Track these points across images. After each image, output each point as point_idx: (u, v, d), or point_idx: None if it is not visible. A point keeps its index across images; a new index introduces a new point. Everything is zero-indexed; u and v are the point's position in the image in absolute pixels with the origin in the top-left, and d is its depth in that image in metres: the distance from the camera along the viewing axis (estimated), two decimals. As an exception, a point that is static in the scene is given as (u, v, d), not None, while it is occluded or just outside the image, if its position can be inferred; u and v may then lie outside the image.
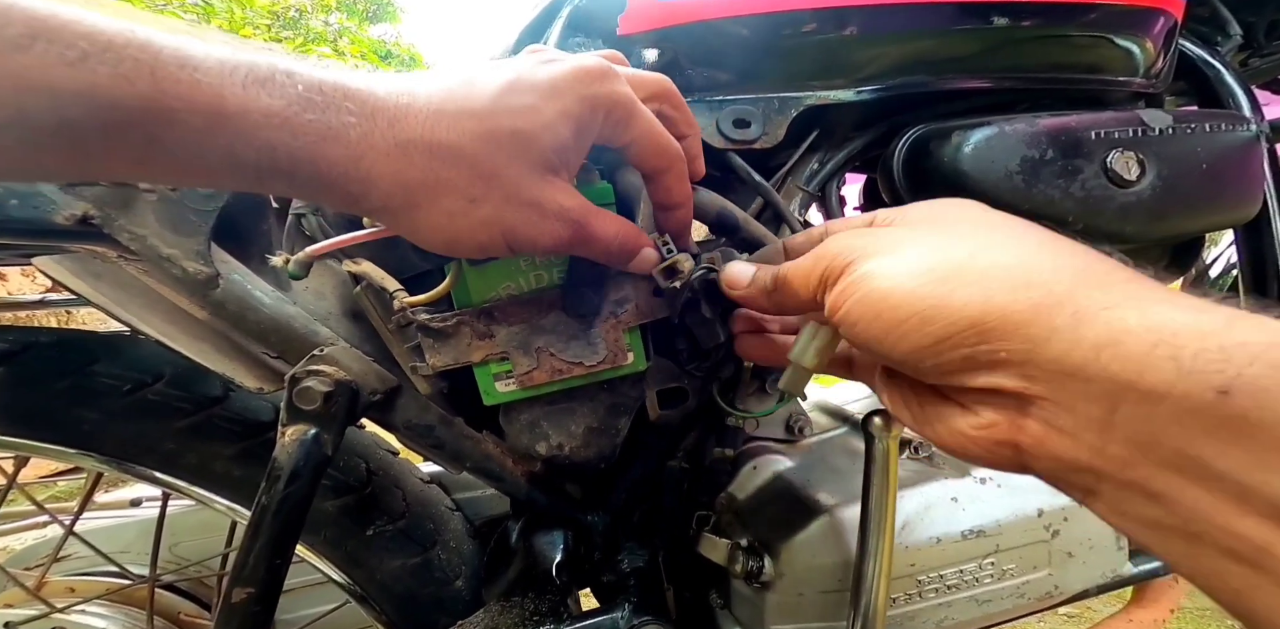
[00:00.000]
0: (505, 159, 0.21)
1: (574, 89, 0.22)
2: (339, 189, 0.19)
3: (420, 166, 0.20)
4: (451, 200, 0.21)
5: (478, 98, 0.21)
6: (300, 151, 0.18)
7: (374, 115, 0.19)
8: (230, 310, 0.33)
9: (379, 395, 0.35)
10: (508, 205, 0.21)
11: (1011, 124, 0.35)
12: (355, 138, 0.19)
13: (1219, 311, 0.14)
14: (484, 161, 0.20)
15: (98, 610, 0.54)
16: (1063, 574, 0.38)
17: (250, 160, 0.18)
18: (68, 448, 0.40)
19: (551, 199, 0.22)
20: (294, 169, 0.18)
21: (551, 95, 0.21)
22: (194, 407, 0.40)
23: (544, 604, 0.41)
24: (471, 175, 0.20)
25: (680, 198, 0.28)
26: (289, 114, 0.18)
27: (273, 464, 0.32)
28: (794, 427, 0.45)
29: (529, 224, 0.22)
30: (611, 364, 0.33)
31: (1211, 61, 0.41)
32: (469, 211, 0.21)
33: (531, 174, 0.21)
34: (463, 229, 0.21)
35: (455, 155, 0.20)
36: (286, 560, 0.34)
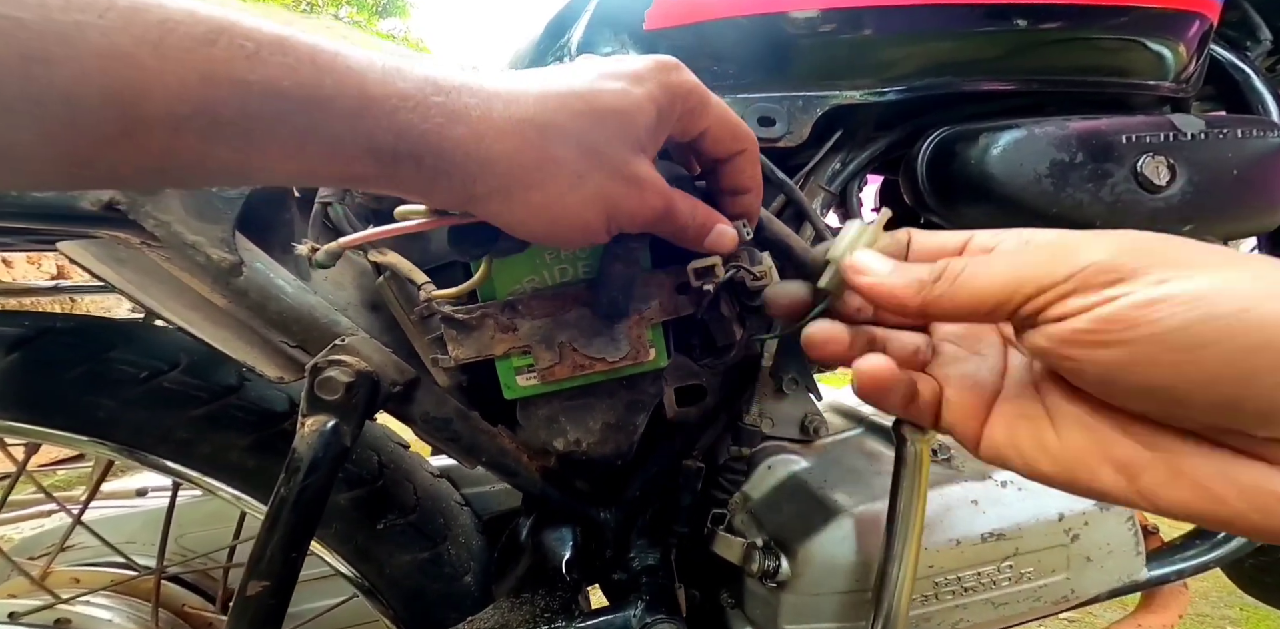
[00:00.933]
0: (607, 136, 0.22)
1: (655, 76, 0.23)
2: (459, 170, 0.21)
3: (535, 144, 0.21)
4: (561, 178, 0.22)
5: (579, 81, 0.22)
6: (429, 133, 0.20)
7: (491, 98, 0.21)
8: (252, 298, 0.33)
9: (399, 387, 0.35)
10: (611, 181, 0.23)
11: (1041, 127, 0.35)
12: (476, 117, 0.20)
13: None
14: (589, 138, 0.22)
15: (102, 601, 0.54)
16: (1079, 578, 0.38)
17: (388, 144, 0.19)
18: (80, 435, 0.40)
19: (648, 173, 0.24)
20: (423, 151, 0.20)
21: (638, 81, 0.23)
22: (209, 395, 0.40)
23: (554, 601, 0.41)
24: (579, 152, 0.22)
25: (752, 182, 0.28)
26: (420, 97, 0.19)
27: (292, 455, 0.32)
28: (809, 427, 0.45)
29: (630, 198, 0.23)
30: (634, 360, 0.33)
31: (1241, 66, 0.41)
32: (576, 188, 0.22)
33: (629, 151, 0.23)
34: (570, 207, 0.22)
35: (564, 133, 0.21)
36: (302, 553, 0.33)
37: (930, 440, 0.30)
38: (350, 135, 0.19)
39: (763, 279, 0.33)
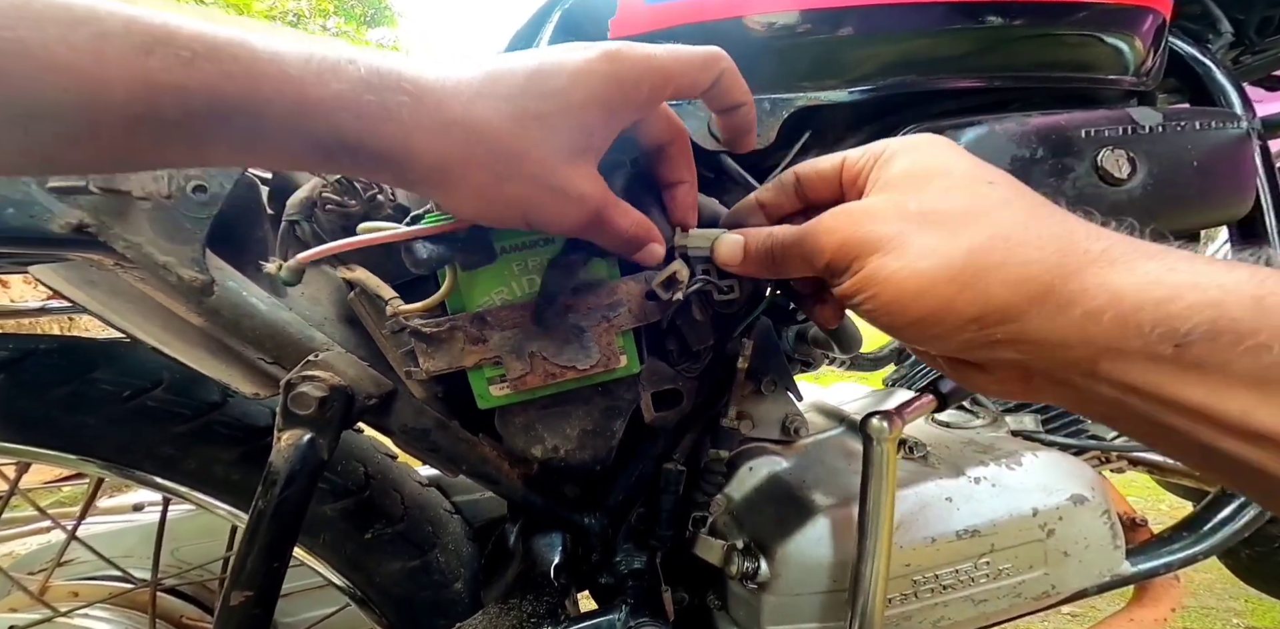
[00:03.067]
0: (532, 142, 0.22)
1: (600, 71, 0.23)
2: (391, 163, 0.22)
3: (458, 144, 0.22)
4: (481, 176, 0.22)
5: (513, 81, 0.22)
6: (363, 131, 0.21)
7: (423, 96, 0.21)
8: (226, 317, 0.33)
9: (374, 400, 0.35)
10: (531, 185, 0.23)
11: (1002, 123, 0.35)
12: (407, 117, 0.21)
13: (1168, 276, 0.18)
14: (513, 143, 0.22)
15: (101, 614, 0.55)
16: (1059, 573, 0.38)
17: (326, 141, 0.21)
18: (68, 454, 0.40)
19: (573, 183, 0.24)
20: (359, 146, 0.21)
21: (579, 78, 0.23)
22: (192, 412, 0.41)
23: (542, 606, 0.41)
24: (501, 155, 0.22)
25: (742, 95, 0.28)
26: (353, 96, 0.20)
27: (269, 469, 0.32)
28: (790, 427, 0.45)
29: (548, 206, 0.24)
30: (604, 367, 0.33)
31: (1202, 59, 0.41)
32: (497, 187, 0.23)
33: (556, 157, 0.23)
34: (491, 202, 0.23)
35: (489, 135, 0.22)
36: (284, 563, 0.34)
37: (895, 437, 0.30)
38: (292, 134, 0.20)
39: (731, 293, 0.33)
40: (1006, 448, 0.39)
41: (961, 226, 0.21)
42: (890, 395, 0.53)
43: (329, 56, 0.20)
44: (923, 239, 0.21)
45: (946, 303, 0.20)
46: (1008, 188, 0.22)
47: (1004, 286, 0.20)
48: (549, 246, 0.32)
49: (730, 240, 0.29)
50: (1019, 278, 0.20)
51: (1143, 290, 0.18)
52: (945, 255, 0.21)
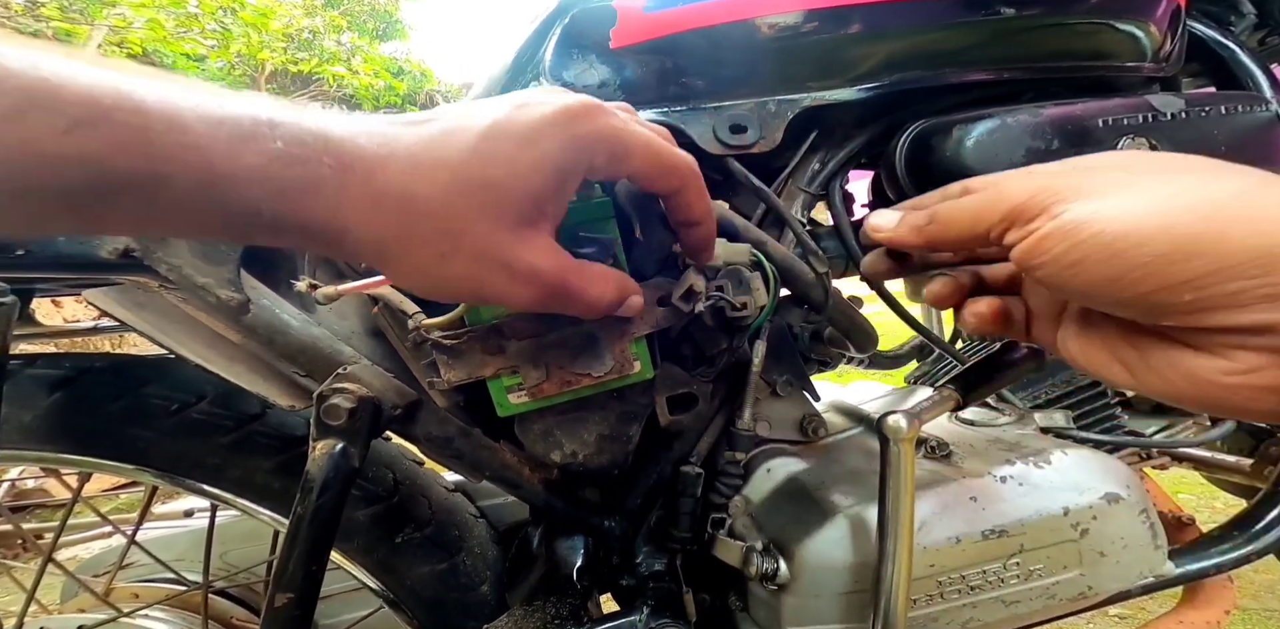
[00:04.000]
0: (476, 214, 0.20)
1: (553, 133, 0.21)
2: (319, 238, 0.20)
3: (392, 219, 0.19)
4: (421, 254, 0.20)
5: (454, 146, 0.20)
6: (283, 206, 0.18)
7: (351, 166, 0.19)
8: (261, 334, 0.36)
9: (400, 410, 0.37)
10: (477, 264, 0.21)
11: (1014, 115, 0.35)
12: (332, 190, 0.19)
13: None
14: (454, 216, 0.20)
15: (159, 614, 0.58)
16: (1096, 574, 0.37)
17: (239, 216, 0.18)
18: (125, 464, 0.43)
19: (522, 260, 0.21)
20: (278, 223, 0.19)
21: (528, 142, 0.20)
22: (234, 423, 0.43)
23: (565, 608, 0.42)
24: (441, 230, 0.20)
25: (700, 214, 0.26)
26: (271, 171, 0.18)
27: (305, 477, 0.34)
28: (808, 428, 0.45)
29: (497, 285, 0.21)
30: (619, 374, 0.34)
31: (1225, 42, 0.40)
32: (440, 264, 0.20)
33: (502, 230, 0.21)
34: (435, 281, 0.21)
35: (425, 209, 0.20)
36: (322, 566, 0.36)
37: (913, 436, 0.30)
38: (200, 209, 0.18)
39: (744, 310, 0.34)
40: (1034, 445, 0.38)
41: (1156, 176, 0.18)
42: (912, 393, 0.52)
43: (242, 122, 0.17)
44: (1146, 181, 0.18)
45: (1215, 235, 0.16)
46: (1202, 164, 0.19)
47: (1253, 227, 0.16)
48: None
49: (884, 214, 0.26)
50: (1263, 219, 0.16)
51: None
52: (1195, 190, 0.17)
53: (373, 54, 6.92)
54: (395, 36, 7.66)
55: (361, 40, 6.99)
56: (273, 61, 5.93)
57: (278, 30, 5.56)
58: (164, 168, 0.17)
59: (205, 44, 4.94)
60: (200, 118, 0.17)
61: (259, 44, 5.36)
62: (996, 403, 0.48)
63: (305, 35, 6.13)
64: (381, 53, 7.30)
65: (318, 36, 6.24)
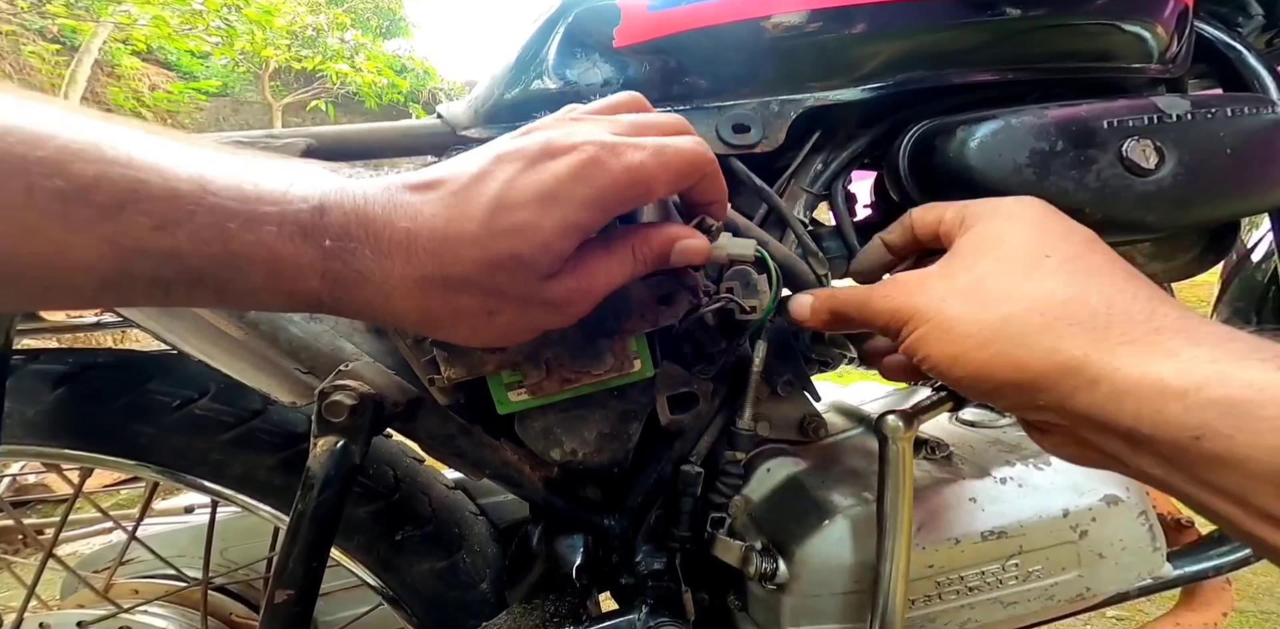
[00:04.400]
0: (509, 279, 0.22)
1: (572, 193, 0.21)
2: (379, 319, 0.23)
3: (438, 298, 0.22)
4: (472, 320, 0.23)
5: (473, 220, 0.21)
6: (340, 293, 0.21)
7: (390, 254, 0.20)
8: (264, 330, 0.36)
9: (401, 407, 0.37)
10: (524, 309, 0.23)
11: (1018, 116, 0.35)
12: (379, 280, 0.21)
13: (1200, 368, 0.18)
14: (492, 285, 0.22)
15: (158, 611, 0.58)
16: (1094, 576, 0.37)
17: (304, 300, 0.21)
18: (127, 459, 0.43)
19: (561, 294, 0.23)
20: (338, 306, 0.21)
21: (547, 208, 0.21)
22: (236, 420, 0.43)
23: (564, 606, 0.42)
24: (484, 297, 0.22)
25: (719, 193, 0.27)
26: (325, 267, 0.20)
27: (306, 473, 0.34)
28: (808, 428, 0.45)
29: (549, 318, 0.24)
30: (619, 372, 0.34)
31: (1232, 43, 0.39)
32: (491, 323, 0.23)
33: (536, 284, 0.22)
34: (491, 336, 0.24)
35: (465, 284, 0.21)
36: (322, 563, 0.36)
37: (911, 436, 0.30)
38: (270, 294, 0.20)
39: (752, 313, 0.34)
40: (1034, 447, 0.38)
41: (1000, 299, 0.23)
42: (912, 394, 0.52)
43: (301, 216, 0.19)
44: (961, 309, 0.23)
45: (983, 368, 0.22)
46: (1065, 259, 0.23)
47: (1037, 357, 0.21)
48: None
49: (800, 300, 0.32)
50: (1050, 350, 0.21)
51: (1170, 378, 0.18)
52: (980, 323, 0.22)
53: (376, 52, 6.92)
54: (399, 34, 7.66)
55: (365, 38, 6.99)
56: (276, 59, 5.93)
57: (282, 27, 5.56)
58: (238, 262, 0.19)
59: (209, 41, 4.95)
60: (264, 215, 0.19)
61: (263, 41, 5.36)
62: (997, 404, 0.48)
63: (309, 33, 6.13)
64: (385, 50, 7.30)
65: (321, 34, 6.24)
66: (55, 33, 5.03)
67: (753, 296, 0.35)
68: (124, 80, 5.69)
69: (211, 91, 6.40)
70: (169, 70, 6.49)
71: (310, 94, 6.76)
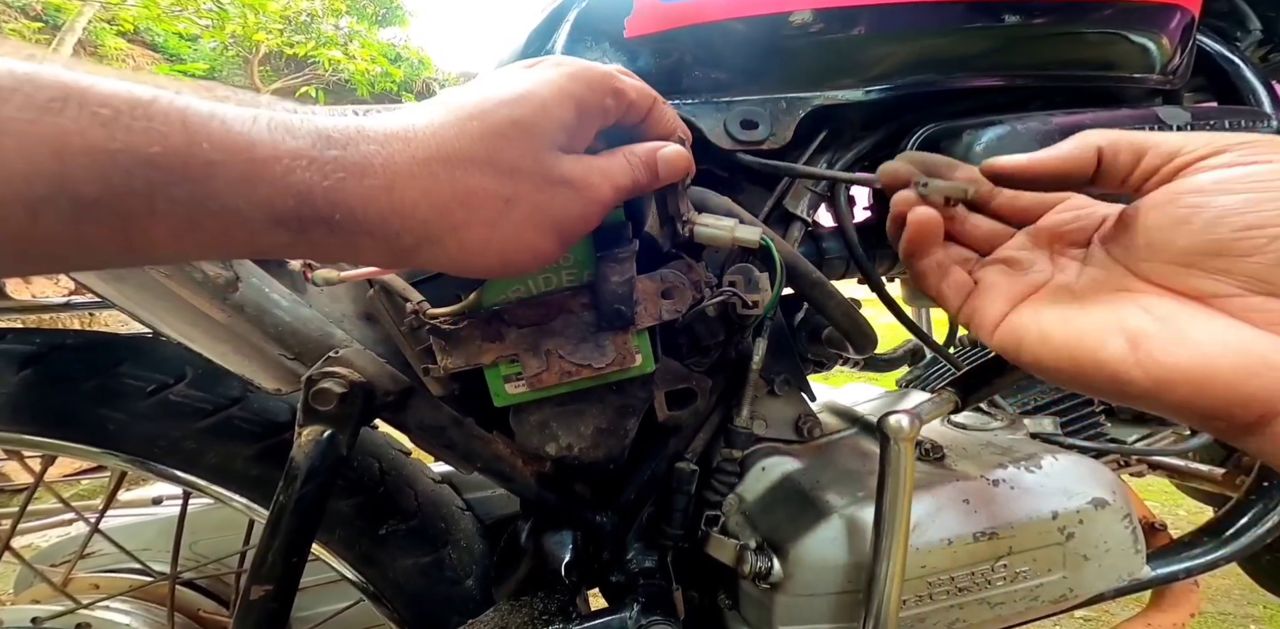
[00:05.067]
0: (518, 150, 0.21)
1: (564, 71, 0.22)
2: (378, 226, 0.19)
3: (446, 180, 0.20)
4: (487, 207, 0.20)
5: (474, 99, 0.21)
6: (333, 191, 0.18)
7: (390, 140, 0.19)
8: (249, 313, 0.34)
9: (392, 396, 0.36)
10: (542, 193, 0.21)
11: (1024, 122, 0.35)
12: (380, 166, 0.18)
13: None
14: (500, 157, 0.20)
15: (121, 607, 0.56)
16: (1078, 577, 0.37)
17: (290, 209, 0.17)
18: (93, 447, 0.41)
19: (577, 170, 0.22)
20: (331, 211, 0.18)
21: (544, 80, 0.22)
22: (214, 407, 0.41)
23: (553, 604, 0.42)
24: (495, 175, 0.20)
25: (675, 123, 0.28)
26: (314, 153, 0.17)
27: (290, 464, 0.33)
28: (803, 428, 0.45)
29: (571, 203, 0.22)
30: (620, 366, 0.33)
31: (1231, 57, 0.41)
32: (508, 213, 0.21)
33: (548, 156, 0.21)
34: (510, 237, 0.21)
35: (471, 160, 0.20)
36: (303, 558, 0.34)
37: (913, 437, 0.30)
38: (245, 204, 0.16)
39: (754, 309, 0.34)
40: (1025, 450, 0.39)
41: None
42: (905, 397, 0.53)
43: (277, 112, 0.18)
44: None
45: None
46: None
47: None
48: None
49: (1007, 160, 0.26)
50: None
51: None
52: None
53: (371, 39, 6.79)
54: (394, 23, 7.52)
55: (360, 25, 6.85)
56: (268, 43, 5.77)
57: (275, 12, 5.41)
58: (207, 154, 0.16)
59: (199, 23, 4.79)
60: (233, 109, 0.17)
61: (255, 25, 5.20)
62: (988, 408, 0.49)
63: (303, 18, 5.97)
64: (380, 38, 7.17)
65: (315, 20, 6.08)
66: (39, 11, 4.82)
67: (754, 292, 0.35)
68: (106, 60, 5.48)
69: (198, 74, 6.19)
70: (155, 52, 6.26)
71: (300, 80, 6.59)
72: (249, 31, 5.23)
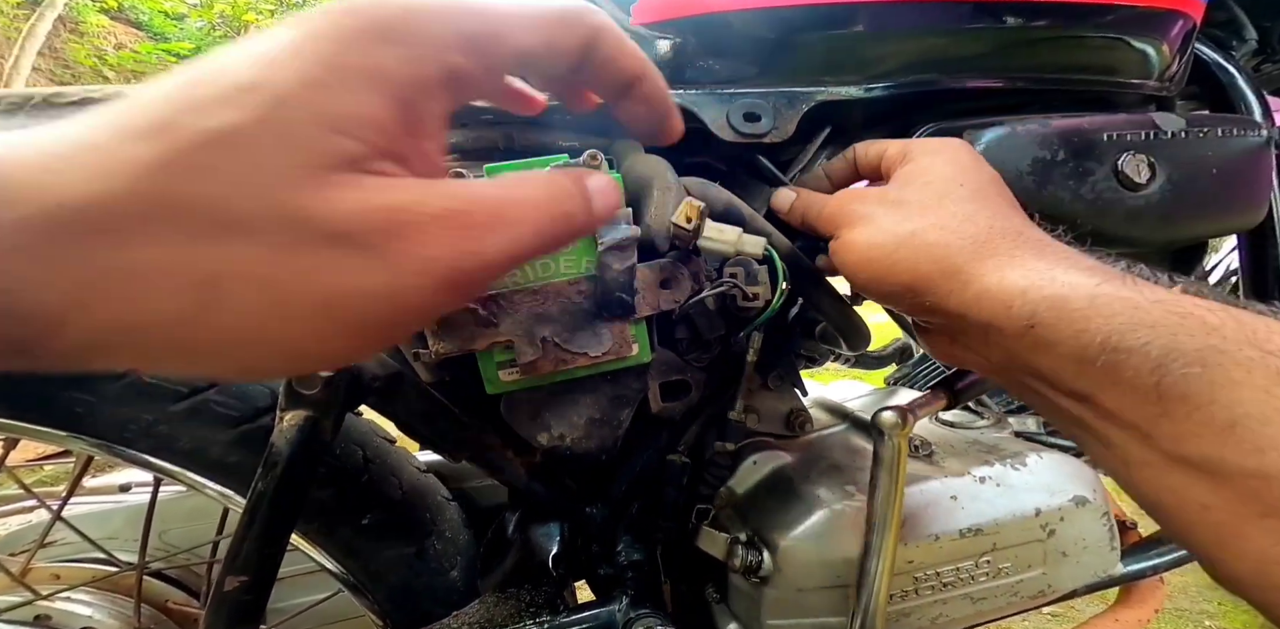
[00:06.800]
0: (233, 186, 0.11)
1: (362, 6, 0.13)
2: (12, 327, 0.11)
3: (79, 257, 0.11)
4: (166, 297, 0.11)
5: (166, 95, 0.12)
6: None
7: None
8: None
9: (379, 382, 0.35)
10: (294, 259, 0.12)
11: (1024, 125, 0.35)
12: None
13: (1040, 273, 0.23)
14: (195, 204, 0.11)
15: (83, 598, 0.54)
16: (1056, 573, 0.38)
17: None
18: (59, 430, 0.39)
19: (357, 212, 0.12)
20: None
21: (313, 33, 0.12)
22: (189, 389, 0.40)
23: (540, 596, 0.41)
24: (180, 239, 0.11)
25: (638, 63, 0.20)
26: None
27: (270, 450, 0.32)
28: (795, 422, 0.45)
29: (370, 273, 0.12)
30: (616, 355, 0.33)
31: (1226, 66, 0.42)
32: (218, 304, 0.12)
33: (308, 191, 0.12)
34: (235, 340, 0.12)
35: (130, 216, 0.11)
36: (281, 549, 0.33)
37: (907, 433, 0.30)
38: None
39: (754, 301, 0.34)
40: (1011, 448, 0.39)
41: (915, 214, 0.27)
42: (892, 394, 0.53)
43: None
44: (885, 219, 0.28)
45: (887, 270, 0.26)
46: (972, 190, 0.28)
47: (928, 262, 0.25)
48: None
49: (785, 193, 0.37)
50: (939, 257, 0.25)
51: (1016, 280, 0.23)
52: (894, 233, 0.27)
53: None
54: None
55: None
56: (258, 24, 5.57)
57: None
58: None
59: (186, 2, 4.60)
60: None
61: (245, 5, 5.02)
62: (975, 406, 0.49)
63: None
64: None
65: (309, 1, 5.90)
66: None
67: (754, 284, 0.35)
68: (87, 38, 5.23)
69: (182, 54, 5.95)
70: (139, 30, 6.00)
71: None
72: (239, 12, 5.05)
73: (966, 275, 0.24)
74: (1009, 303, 0.22)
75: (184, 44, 5.80)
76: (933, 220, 0.26)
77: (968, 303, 0.24)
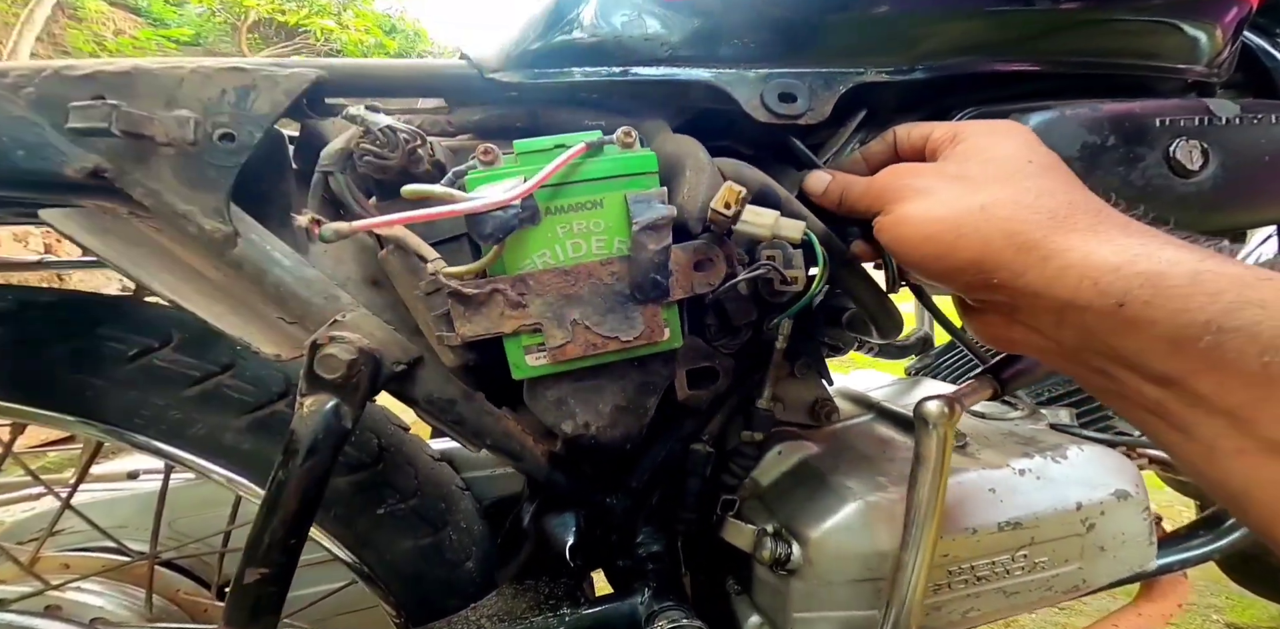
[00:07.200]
0: None
1: None
2: None
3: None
4: None
5: None
6: None
7: None
8: (248, 271, 0.31)
9: (401, 366, 0.33)
10: None
11: (1073, 109, 0.34)
12: None
13: (1132, 249, 0.22)
14: None
15: (94, 587, 0.53)
16: (1092, 568, 0.37)
17: None
18: (67, 415, 0.38)
19: None
20: None
21: None
22: (202, 374, 0.39)
23: (559, 588, 0.40)
24: None
25: None
26: None
27: (290, 437, 0.30)
28: (820, 412, 0.44)
29: None
30: (648, 340, 0.32)
31: (1273, 53, 0.40)
32: None
33: None
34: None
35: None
36: (302, 539, 0.32)
37: (954, 423, 0.29)
38: None
39: (792, 285, 0.33)
40: (1050, 441, 0.38)
41: (982, 186, 0.26)
42: (916, 384, 0.52)
43: None
44: (945, 193, 0.26)
45: (950, 244, 0.25)
46: (1043, 166, 0.26)
47: (1001, 237, 0.24)
48: (597, 210, 0.30)
49: (820, 175, 0.35)
50: (1014, 231, 0.24)
51: (1107, 256, 0.22)
52: (958, 207, 0.25)
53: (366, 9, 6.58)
54: (391, -9, 7.29)
55: (358, -6, 6.62)
56: (258, 10, 5.53)
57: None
58: None
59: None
60: None
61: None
62: (1007, 397, 0.48)
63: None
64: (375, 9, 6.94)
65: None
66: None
67: (791, 268, 0.34)
68: (86, 23, 5.18)
69: (182, 40, 5.90)
70: (138, 16, 5.94)
71: (289, 49, 6.33)
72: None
73: (1045, 250, 0.23)
74: (1097, 279, 0.21)
75: (184, 30, 5.75)
76: (1005, 194, 0.25)
77: (1047, 279, 0.22)
